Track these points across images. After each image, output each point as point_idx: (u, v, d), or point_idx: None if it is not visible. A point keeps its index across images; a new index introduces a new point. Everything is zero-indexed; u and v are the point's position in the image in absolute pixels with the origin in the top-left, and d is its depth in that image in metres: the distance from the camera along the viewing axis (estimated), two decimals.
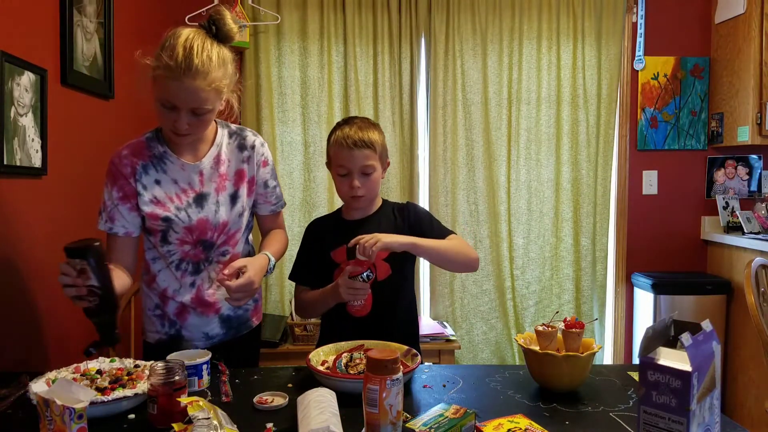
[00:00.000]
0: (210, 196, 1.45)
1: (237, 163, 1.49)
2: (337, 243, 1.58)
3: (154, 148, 1.43)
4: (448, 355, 2.67)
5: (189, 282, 1.48)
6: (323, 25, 2.97)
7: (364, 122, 1.55)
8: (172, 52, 1.25)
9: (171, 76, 1.25)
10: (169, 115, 1.30)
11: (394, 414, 0.94)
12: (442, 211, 3.03)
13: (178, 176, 1.43)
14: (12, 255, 1.63)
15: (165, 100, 1.28)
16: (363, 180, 1.53)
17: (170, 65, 1.25)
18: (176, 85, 1.25)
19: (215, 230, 1.46)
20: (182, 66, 1.24)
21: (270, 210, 1.60)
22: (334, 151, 1.54)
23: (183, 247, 1.45)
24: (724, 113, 3.12)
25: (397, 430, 0.95)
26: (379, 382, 0.93)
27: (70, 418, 0.91)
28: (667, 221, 3.27)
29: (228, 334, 1.55)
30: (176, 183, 1.43)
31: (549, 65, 3.09)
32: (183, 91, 1.26)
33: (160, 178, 1.42)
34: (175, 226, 1.42)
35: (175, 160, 1.43)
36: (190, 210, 1.43)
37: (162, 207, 1.41)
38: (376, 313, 1.55)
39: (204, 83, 1.27)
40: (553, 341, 1.27)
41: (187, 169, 1.43)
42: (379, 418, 0.93)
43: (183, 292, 1.48)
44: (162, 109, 1.30)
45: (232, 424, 0.98)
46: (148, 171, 1.42)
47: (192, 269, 1.47)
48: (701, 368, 0.82)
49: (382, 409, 0.93)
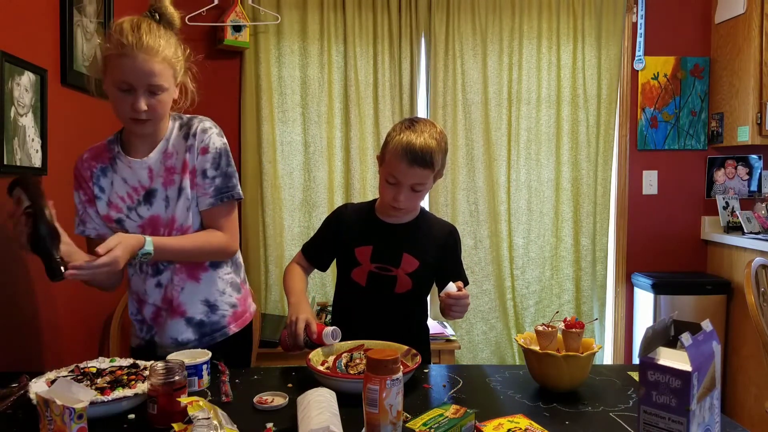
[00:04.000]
0: (158, 191, 1.41)
1: (182, 153, 1.42)
2: (364, 240, 1.55)
3: (112, 150, 1.44)
4: (448, 355, 2.67)
5: (154, 283, 1.46)
6: (323, 25, 2.97)
7: (432, 135, 1.45)
8: (121, 33, 1.28)
9: (124, 53, 1.27)
10: (126, 99, 1.30)
11: (394, 414, 0.94)
12: (442, 210, 3.03)
13: (126, 175, 1.42)
14: (12, 255, 1.63)
15: (120, 81, 1.29)
16: (409, 195, 1.48)
17: (122, 43, 1.27)
18: (130, 62, 1.27)
19: (166, 227, 1.42)
20: (133, 42, 1.27)
21: (207, 203, 1.43)
22: (390, 156, 1.46)
23: None
24: (724, 113, 3.12)
25: (397, 430, 0.95)
26: (379, 382, 0.93)
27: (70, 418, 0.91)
28: (667, 221, 3.27)
29: (202, 341, 1.48)
30: (126, 182, 1.42)
31: (549, 65, 3.09)
32: (138, 67, 1.28)
33: (113, 179, 1.42)
34: (128, 226, 1.42)
35: (123, 158, 1.42)
36: (140, 208, 1.42)
37: (115, 209, 1.42)
38: (390, 323, 1.53)
39: (157, 58, 1.30)
40: (553, 341, 1.27)
41: (134, 167, 1.41)
42: (379, 418, 0.93)
43: (152, 293, 1.46)
44: (118, 94, 1.30)
45: (232, 424, 0.98)
46: (106, 173, 1.43)
47: (152, 270, 1.45)
48: (701, 368, 0.82)
49: (382, 409, 0.93)
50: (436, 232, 1.59)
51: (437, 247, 1.57)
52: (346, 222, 1.60)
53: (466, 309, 1.41)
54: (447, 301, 1.38)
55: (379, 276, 1.54)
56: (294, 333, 1.38)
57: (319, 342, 1.37)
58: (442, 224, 1.64)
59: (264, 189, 2.96)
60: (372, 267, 1.54)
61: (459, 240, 1.63)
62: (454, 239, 1.61)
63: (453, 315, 1.42)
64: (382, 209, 1.58)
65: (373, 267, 1.54)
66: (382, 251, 1.54)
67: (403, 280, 1.53)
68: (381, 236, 1.56)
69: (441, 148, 1.47)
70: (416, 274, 1.54)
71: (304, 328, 1.38)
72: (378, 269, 1.54)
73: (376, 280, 1.54)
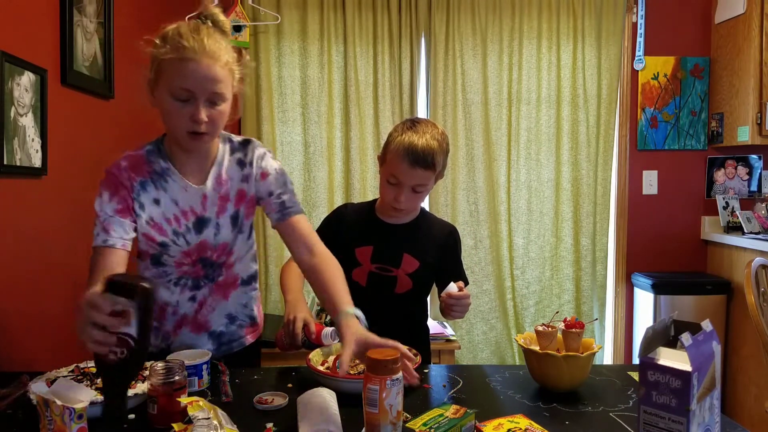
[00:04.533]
0: (210, 221, 1.33)
1: (237, 182, 1.34)
2: (364, 240, 1.54)
3: (154, 163, 1.29)
4: (448, 355, 2.67)
5: (188, 297, 1.38)
6: (323, 25, 2.97)
7: (433, 137, 1.44)
8: (180, 36, 1.16)
9: (185, 56, 1.14)
10: (184, 110, 1.17)
11: (394, 414, 0.94)
12: (443, 210, 3.03)
13: (179, 197, 1.30)
14: (12, 255, 1.63)
15: (179, 88, 1.15)
16: (410, 196, 1.47)
17: (183, 45, 1.15)
18: (193, 66, 1.14)
19: (215, 250, 1.36)
20: (196, 47, 1.15)
21: (275, 218, 1.38)
22: (392, 157, 1.45)
23: (181, 267, 1.35)
24: (724, 113, 3.12)
25: (397, 430, 0.95)
26: (379, 382, 0.93)
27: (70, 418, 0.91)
28: (667, 221, 3.27)
29: (219, 350, 1.45)
30: (176, 204, 1.30)
31: (549, 65, 3.09)
32: (201, 73, 1.15)
33: (159, 197, 1.29)
34: (172, 251, 1.32)
35: (178, 179, 1.29)
36: (189, 235, 1.32)
37: (158, 230, 1.29)
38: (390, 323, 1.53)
39: (220, 63, 1.18)
40: (553, 341, 1.27)
41: (190, 192, 1.30)
42: (379, 419, 0.93)
43: (183, 306, 1.39)
44: (175, 104, 1.17)
45: (232, 424, 0.98)
46: (147, 188, 1.29)
47: (192, 284, 1.38)
48: (701, 368, 0.82)
49: (382, 409, 0.93)
50: (436, 233, 1.59)
51: (437, 248, 1.57)
52: (347, 222, 1.60)
53: (467, 309, 1.41)
54: (448, 301, 1.38)
55: (380, 276, 1.54)
56: (292, 332, 1.37)
57: (317, 342, 1.37)
58: (443, 224, 1.64)
59: None
60: (372, 267, 1.54)
61: (459, 240, 1.63)
62: (454, 239, 1.61)
63: (454, 315, 1.42)
64: (382, 209, 1.58)
65: (374, 267, 1.54)
66: (383, 251, 1.54)
67: (403, 280, 1.54)
68: (381, 236, 1.55)
69: (443, 149, 1.47)
70: (416, 274, 1.54)
71: (302, 328, 1.37)
72: (378, 269, 1.54)
73: (376, 281, 1.54)
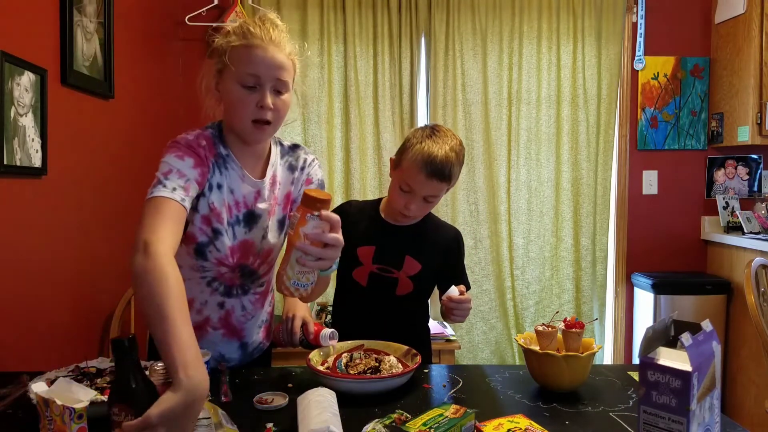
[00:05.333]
0: (261, 218, 1.30)
1: (286, 185, 1.35)
2: (367, 240, 1.53)
3: (218, 147, 1.26)
4: (448, 355, 2.67)
5: (217, 302, 1.33)
6: (323, 25, 2.97)
7: (453, 148, 1.43)
8: (247, 27, 1.20)
9: (254, 44, 1.18)
10: (250, 97, 1.18)
11: (305, 242, 1.06)
12: (443, 211, 3.03)
13: (235, 186, 1.26)
14: (12, 255, 1.63)
15: (247, 75, 1.17)
16: (421, 204, 1.47)
17: (252, 33, 1.18)
18: (261, 52, 1.17)
19: (258, 256, 1.32)
20: (263, 35, 1.18)
21: None
22: (409, 164, 1.42)
23: (220, 268, 1.29)
24: (724, 113, 3.12)
25: (305, 258, 1.07)
26: (302, 212, 1.06)
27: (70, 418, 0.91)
28: (667, 221, 3.27)
29: (243, 360, 1.42)
30: (232, 193, 1.26)
31: (549, 65, 3.09)
32: (269, 58, 1.18)
33: (222, 183, 1.25)
34: (218, 244, 1.26)
35: (237, 168, 1.26)
36: (238, 228, 1.28)
37: (216, 216, 1.24)
38: (391, 323, 1.53)
39: (285, 52, 1.21)
40: (553, 341, 1.27)
41: (247, 182, 1.27)
42: (294, 240, 1.07)
43: (209, 309, 1.34)
44: (241, 91, 1.18)
45: (232, 424, 0.98)
46: (213, 170, 1.24)
47: (223, 290, 1.33)
48: (701, 368, 0.82)
49: (297, 233, 1.06)
50: (439, 236, 1.59)
51: (440, 251, 1.57)
52: (350, 220, 1.57)
53: (468, 313, 1.41)
54: (449, 304, 1.38)
55: (381, 277, 1.54)
56: (290, 330, 1.37)
57: (315, 343, 1.36)
58: (446, 228, 1.63)
59: None
60: (374, 268, 1.54)
61: (462, 244, 1.63)
62: (457, 244, 1.61)
63: (454, 319, 1.41)
64: (388, 211, 1.57)
65: (375, 268, 1.54)
66: (385, 252, 1.54)
67: (404, 282, 1.53)
68: (384, 237, 1.55)
69: (459, 161, 1.46)
70: (418, 277, 1.53)
71: (301, 327, 1.37)
72: (379, 270, 1.54)
73: (377, 281, 1.54)
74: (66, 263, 1.86)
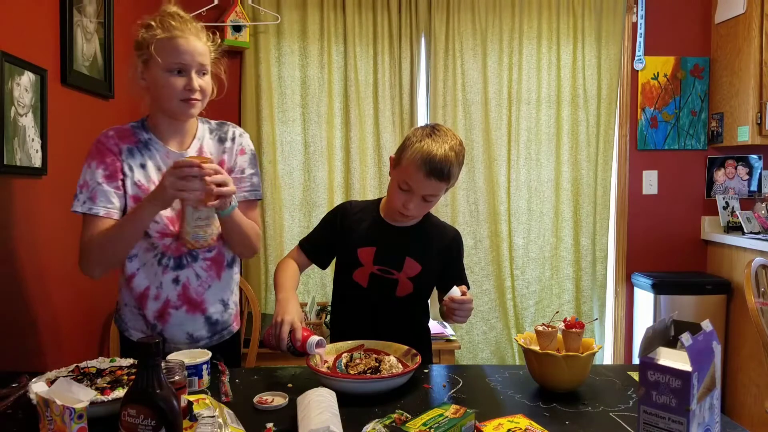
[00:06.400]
0: None
1: (218, 155, 1.47)
2: (368, 241, 1.53)
3: (139, 134, 1.42)
4: (448, 355, 2.66)
5: (171, 278, 1.42)
6: (323, 25, 2.97)
7: (452, 148, 1.43)
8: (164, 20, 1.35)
9: (176, 35, 1.33)
10: (178, 81, 1.34)
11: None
12: (442, 210, 3.03)
13: (162, 163, 1.41)
14: (12, 255, 1.63)
15: (173, 63, 1.33)
16: (420, 204, 1.46)
17: (173, 26, 1.34)
18: (183, 42, 1.33)
19: None
20: (182, 27, 1.35)
21: (241, 195, 1.46)
22: (408, 163, 1.42)
23: (163, 240, 1.40)
24: (724, 113, 3.12)
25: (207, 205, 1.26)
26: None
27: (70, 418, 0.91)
28: (667, 221, 3.27)
29: (213, 339, 1.49)
30: (160, 170, 1.40)
31: (549, 65, 3.09)
32: (191, 46, 1.34)
33: (145, 163, 1.40)
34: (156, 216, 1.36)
35: (160, 147, 1.42)
36: None
37: (145, 192, 1.38)
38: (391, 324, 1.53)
39: (202, 41, 1.38)
40: (553, 341, 1.27)
41: (171, 157, 1.40)
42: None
43: (167, 288, 1.42)
44: (169, 77, 1.34)
45: (238, 423, 0.98)
46: (134, 154, 1.40)
47: (174, 264, 1.42)
48: (701, 368, 0.82)
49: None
50: (439, 237, 1.58)
51: (440, 252, 1.57)
52: (350, 221, 1.58)
53: (469, 314, 1.40)
54: (451, 305, 1.38)
55: (381, 278, 1.54)
56: (278, 336, 1.32)
57: (302, 350, 1.31)
58: (446, 228, 1.63)
59: (264, 189, 2.96)
60: (374, 269, 1.53)
61: (462, 245, 1.63)
62: (457, 244, 1.61)
63: (456, 319, 1.41)
64: (388, 211, 1.56)
65: (375, 269, 1.53)
66: (385, 254, 1.53)
67: (404, 283, 1.53)
68: (385, 238, 1.54)
69: (459, 161, 1.46)
70: (418, 278, 1.53)
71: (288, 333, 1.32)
72: (380, 271, 1.53)
73: (377, 282, 1.54)
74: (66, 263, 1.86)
